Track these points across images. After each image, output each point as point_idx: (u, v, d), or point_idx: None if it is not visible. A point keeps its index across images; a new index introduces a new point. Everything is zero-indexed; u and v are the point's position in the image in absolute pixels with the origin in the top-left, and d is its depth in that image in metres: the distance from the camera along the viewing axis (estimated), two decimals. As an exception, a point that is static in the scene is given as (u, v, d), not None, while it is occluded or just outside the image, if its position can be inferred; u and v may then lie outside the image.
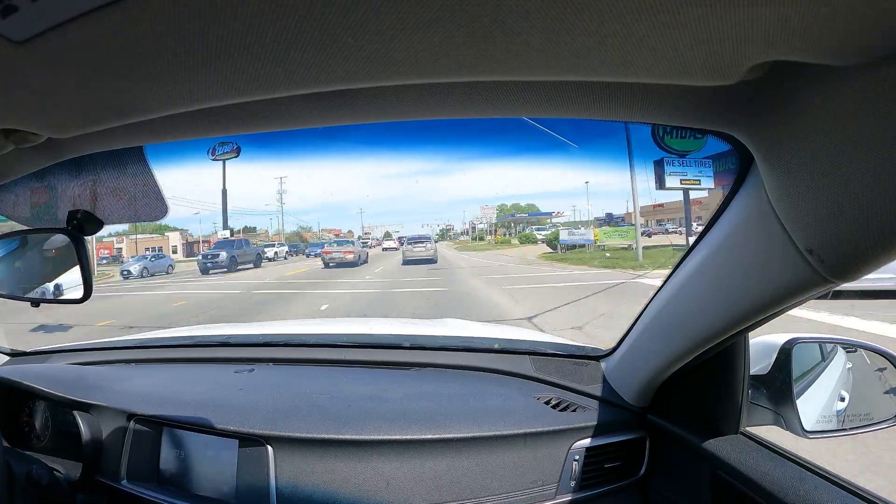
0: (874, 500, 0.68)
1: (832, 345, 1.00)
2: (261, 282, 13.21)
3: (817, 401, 0.90)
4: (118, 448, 1.06)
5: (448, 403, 1.04)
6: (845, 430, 0.91)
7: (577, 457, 0.96)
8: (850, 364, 0.98)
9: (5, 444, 0.97)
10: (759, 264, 0.57)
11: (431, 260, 16.40)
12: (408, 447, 0.93)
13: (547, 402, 1.06)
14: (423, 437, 0.93)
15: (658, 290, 0.85)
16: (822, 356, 0.98)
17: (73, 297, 0.77)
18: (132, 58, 0.35)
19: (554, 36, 0.33)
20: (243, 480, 0.94)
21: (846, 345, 0.98)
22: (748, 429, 0.88)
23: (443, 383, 1.17)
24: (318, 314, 7.15)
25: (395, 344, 1.39)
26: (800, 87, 0.41)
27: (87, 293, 0.74)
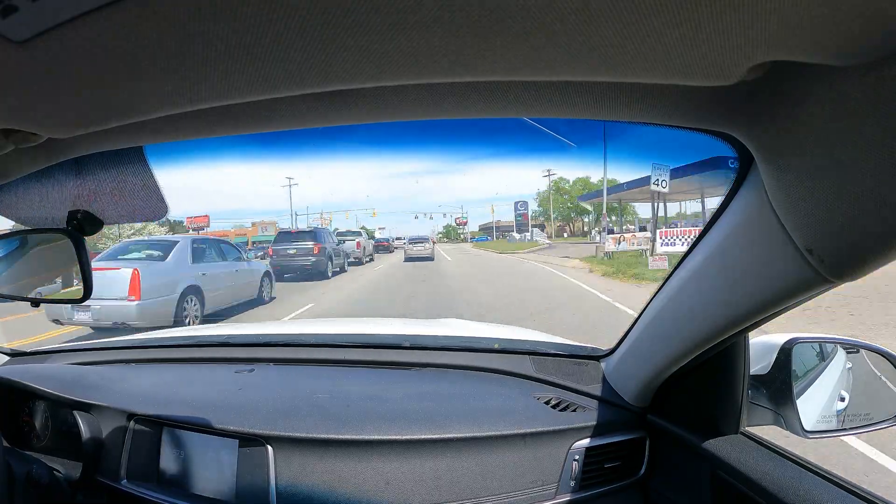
0: (874, 500, 0.68)
1: (832, 345, 1.00)
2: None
3: (817, 401, 0.90)
4: (118, 448, 1.06)
5: (448, 403, 1.04)
6: (845, 430, 0.91)
7: (577, 457, 0.96)
8: (850, 364, 0.98)
9: (5, 444, 0.97)
10: (759, 264, 0.57)
11: (429, 258, 17.97)
12: (408, 447, 0.93)
13: (547, 402, 1.06)
14: (423, 437, 0.93)
15: (658, 290, 0.85)
16: (822, 356, 0.98)
17: (73, 297, 0.78)
18: (132, 58, 0.35)
19: (554, 36, 0.33)
20: (243, 480, 0.94)
21: (846, 345, 0.98)
22: (748, 429, 0.88)
23: (443, 383, 1.17)
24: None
25: (395, 344, 1.39)
26: (800, 87, 0.41)
27: (87, 293, 0.74)
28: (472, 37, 0.33)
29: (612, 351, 1.09)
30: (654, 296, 0.87)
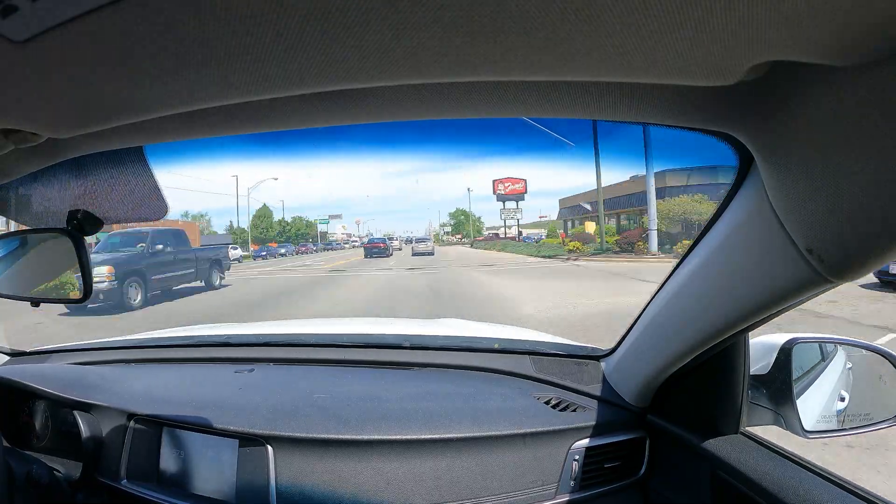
0: (874, 500, 0.68)
1: (832, 345, 1.00)
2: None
3: (817, 401, 0.90)
4: (118, 448, 1.06)
5: (448, 403, 1.04)
6: (845, 430, 0.91)
7: (576, 457, 0.96)
8: (850, 364, 0.98)
9: (5, 444, 0.97)
10: (759, 264, 0.57)
11: (430, 253, 25.61)
12: (408, 447, 0.93)
13: (547, 402, 1.06)
14: (423, 437, 0.93)
15: (658, 290, 0.85)
16: (822, 356, 0.98)
17: (72, 297, 0.78)
18: (132, 57, 0.35)
19: (554, 36, 0.33)
20: (243, 480, 0.94)
21: (846, 345, 0.98)
22: (748, 429, 0.88)
23: (443, 383, 1.17)
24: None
25: (396, 344, 1.39)
26: (800, 87, 0.41)
27: (86, 293, 0.74)
28: (472, 37, 0.33)
29: (612, 351, 1.09)
30: (654, 296, 0.87)
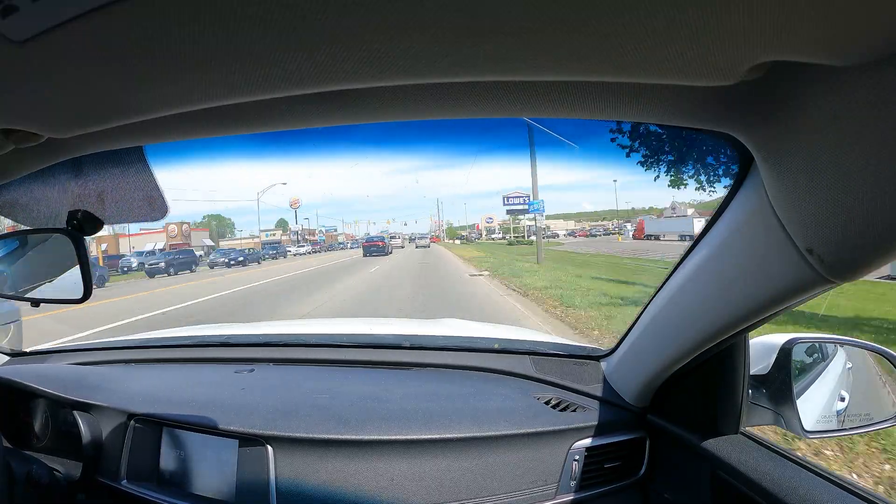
0: (874, 500, 0.68)
1: (832, 344, 1.00)
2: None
3: (817, 401, 0.90)
4: (118, 448, 1.06)
5: (448, 403, 1.04)
6: (845, 429, 0.91)
7: (577, 457, 0.96)
8: (850, 364, 0.98)
9: (5, 444, 0.97)
10: (758, 264, 0.57)
11: (427, 246, 33.30)
12: (408, 447, 0.93)
13: (547, 402, 1.06)
14: (423, 437, 0.93)
15: (658, 291, 0.85)
16: (822, 356, 0.98)
17: (72, 297, 0.77)
18: (132, 58, 0.35)
19: (554, 36, 0.33)
20: (243, 480, 0.94)
21: (846, 345, 0.98)
22: (748, 429, 0.88)
23: (443, 383, 1.17)
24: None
25: (396, 344, 1.39)
26: (800, 87, 0.41)
27: (86, 293, 0.74)
28: (472, 37, 0.33)
29: (612, 351, 1.09)
30: (654, 296, 0.87)
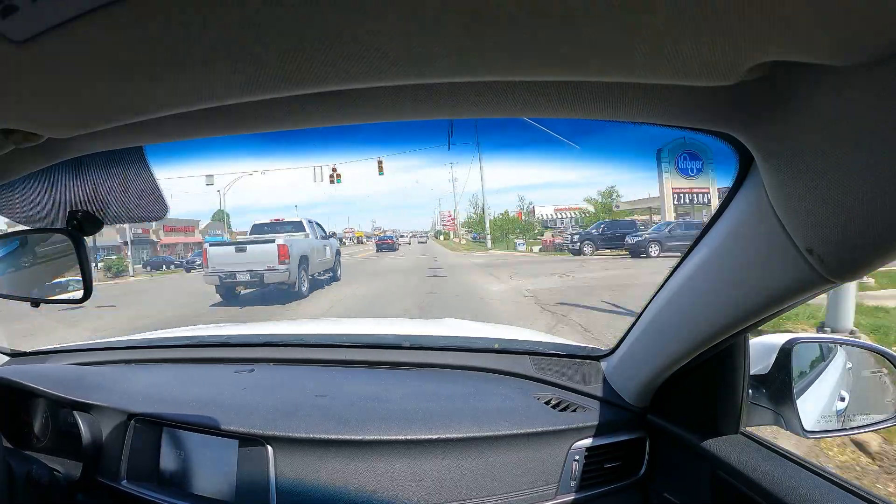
0: (874, 500, 0.68)
1: (832, 344, 1.00)
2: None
3: (817, 401, 0.90)
4: (118, 448, 1.06)
5: (448, 403, 1.04)
6: (845, 429, 0.91)
7: (577, 457, 0.96)
8: (850, 364, 0.98)
9: (5, 444, 0.97)
10: (759, 264, 0.57)
11: (425, 242, 36.41)
12: (408, 447, 0.93)
13: (547, 402, 1.06)
14: (423, 437, 0.93)
15: (658, 291, 0.85)
16: (822, 356, 0.98)
17: (72, 297, 0.77)
18: (132, 58, 0.35)
19: (554, 36, 0.33)
20: (243, 480, 0.94)
21: (846, 345, 0.98)
22: (748, 429, 0.88)
23: (443, 383, 1.17)
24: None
25: (395, 344, 1.39)
26: (800, 87, 0.41)
27: (86, 293, 0.74)
28: (472, 37, 0.33)
29: (612, 351, 1.09)
30: (654, 296, 0.87)
